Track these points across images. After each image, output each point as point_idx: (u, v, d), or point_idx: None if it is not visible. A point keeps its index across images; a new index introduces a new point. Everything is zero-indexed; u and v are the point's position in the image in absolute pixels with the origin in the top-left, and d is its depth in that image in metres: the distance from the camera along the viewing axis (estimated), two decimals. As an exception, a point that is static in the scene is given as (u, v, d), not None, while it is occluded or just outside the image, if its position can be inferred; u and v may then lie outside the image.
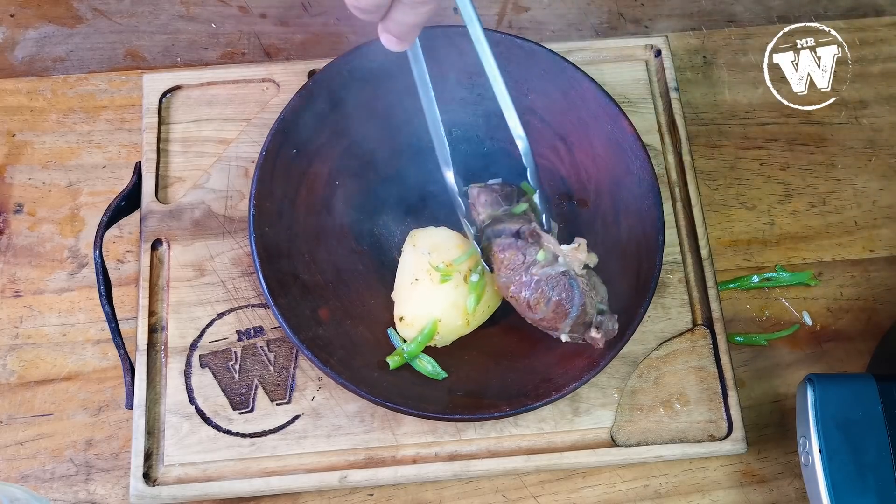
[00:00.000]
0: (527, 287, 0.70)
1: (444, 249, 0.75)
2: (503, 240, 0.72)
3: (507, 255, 0.71)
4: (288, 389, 0.76)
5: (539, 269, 0.70)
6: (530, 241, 0.71)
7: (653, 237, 0.75)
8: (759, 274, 0.83)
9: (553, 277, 0.69)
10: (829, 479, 0.67)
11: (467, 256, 0.75)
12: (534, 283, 0.70)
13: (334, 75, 0.80)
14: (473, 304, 0.74)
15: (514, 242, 0.71)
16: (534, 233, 0.72)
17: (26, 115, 0.89)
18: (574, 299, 0.69)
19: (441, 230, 0.77)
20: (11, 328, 0.81)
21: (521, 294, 0.71)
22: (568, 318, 0.70)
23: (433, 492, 0.76)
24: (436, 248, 0.75)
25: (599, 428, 0.76)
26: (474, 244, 0.74)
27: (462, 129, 0.84)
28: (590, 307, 0.70)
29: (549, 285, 0.69)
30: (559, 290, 0.69)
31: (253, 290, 0.79)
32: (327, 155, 0.80)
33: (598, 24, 0.96)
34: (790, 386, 0.80)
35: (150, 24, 0.94)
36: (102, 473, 0.76)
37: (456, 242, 0.76)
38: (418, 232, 0.78)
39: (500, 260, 0.72)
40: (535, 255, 0.70)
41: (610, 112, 0.79)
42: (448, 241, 0.76)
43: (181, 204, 0.82)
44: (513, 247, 0.71)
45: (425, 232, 0.77)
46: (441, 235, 0.77)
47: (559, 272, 0.70)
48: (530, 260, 0.70)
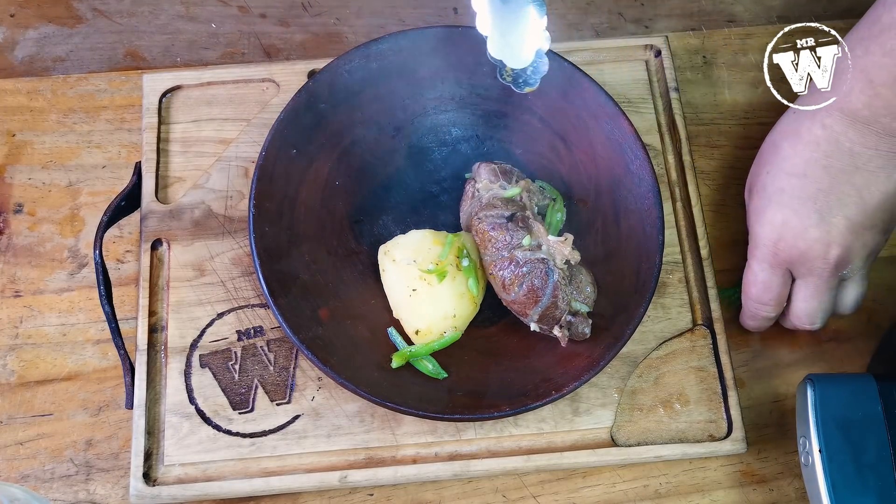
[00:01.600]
0: (506, 267, 0.73)
1: (424, 251, 0.75)
2: (496, 220, 0.74)
3: (495, 235, 0.73)
4: (288, 389, 0.76)
5: (521, 253, 0.72)
6: (520, 226, 0.73)
7: (653, 237, 0.76)
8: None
9: (531, 262, 0.72)
10: (829, 479, 0.67)
11: (450, 246, 0.75)
12: (513, 264, 0.72)
13: (334, 75, 0.80)
14: (475, 285, 0.75)
15: (506, 224, 0.73)
16: (525, 219, 0.74)
17: (26, 115, 0.89)
18: (547, 289, 0.71)
19: (409, 236, 0.77)
20: (11, 328, 0.81)
21: (499, 273, 0.73)
22: (538, 305, 0.72)
23: (433, 492, 0.76)
24: (417, 254, 0.75)
25: (599, 428, 0.76)
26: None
27: (462, 129, 0.84)
28: (562, 301, 0.72)
29: (526, 269, 0.72)
30: (534, 276, 0.72)
31: (253, 290, 0.79)
32: (327, 155, 0.80)
33: (598, 24, 0.96)
34: (790, 386, 0.80)
35: (150, 24, 0.94)
36: (102, 473, 0.76)
37: (431, 240, 0.76)
38: (388, 246, 0.77)
39: (489, 238, 0.74)
40: (522, 239, 0.72)
41: (610, 112, 0.79)
42: (423, 242, 0.76)
43: (181, 204, 0.82)
44: (503, 227, 0.73)
45: (395, 244, 0.77)
46: (413, 240, 0.77)
47: (539, 258, 0.72)
48: (515, 242, 0.73)
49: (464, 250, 0.76)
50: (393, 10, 0.95)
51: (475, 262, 0.76)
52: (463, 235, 0.78)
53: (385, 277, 0.77)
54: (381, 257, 0.78)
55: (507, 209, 0.75)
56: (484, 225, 0.74)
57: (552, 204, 0.81)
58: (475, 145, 0.84)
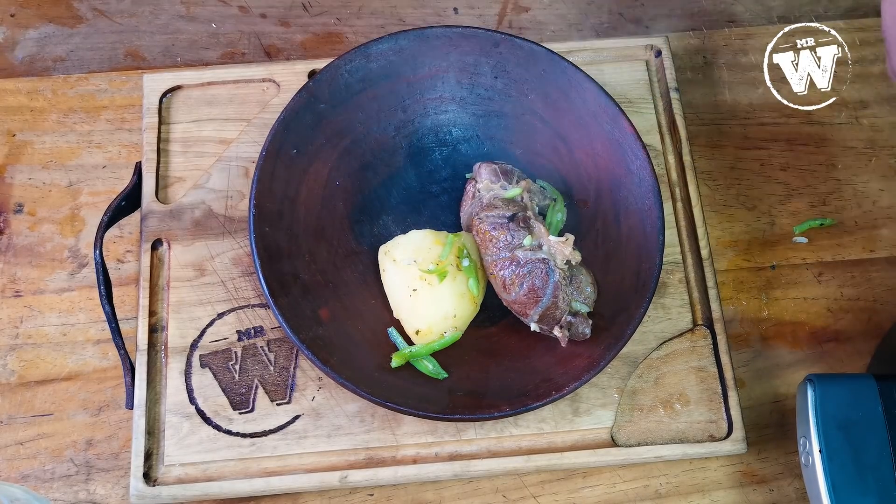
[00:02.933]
0: (507, 267, 0.73)
1: (425, 251, 0.75)
2: (497, 220, 0.74)
3: (496, 235, 0.74)
4: (288, 389, 0.76)
5: (522, 253, 0.72)
6: (521, 227, 0.73)
7: (653, 237, 0.75)
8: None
9: (532, 262, 0.72)
10: (829, 479, 0.67)
11: (451, 246, 0.75)
12: (514, 264, 0.72)
13: (334, 75, 0.80)
14: (476, 285, 0.75)
15: (507, 224, 0.74)
16: (526, 219, 0.74)
17: (26, 115, 0.89)
18: (548, 289, 0.71)
19: (410, 236, 0.77)
20: (11, 328, 0.81)
21: (500, 273, 0.73)
22: (538, 305, 0.72)
23: (433, 492, 0.76)
24: (417, 254, 0.75)
25: (599, 428, 0.76)
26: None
27: (462, 129, 0.84)
28: (562, 302, 0.72)
29: (527, 269, 0.72)
30: (535, 276, 0.72)
31: (253, 290, 0.79)
32: (327, 155, 0.80)
33: (599, 24, 0.96)
34: (790, 386, 0.80)
35: (151, 24, 0.94)
36: (102, 473, 0.76)
37: (431, 240, 0.76)
38: (388, 246, 0.77)
39: (491, 238, 0.74)
40: (523, 239, 0.73)
41: (610, 112, 0.79)
42: (423, 241, 0.76)
43: (181, 204, 0.82)
44: (504, 227, 0.73)
45: (396, 244, 0.77)
46: (414, 240, 0.77)
47: (539, 258, 0.72)
48: (516, 243, 0.73)
49: (464, 250, 0.76)
50: (393, 10, 0.95)
51: (475, 261, 0.76)
52: (463, 235, 0.78)
53: (385, 277, 0.77)
54: (382, 257, 0.78)
55: (508, 209, 0.75)
56: (485, 225, 0.74)
57: (553, 204, 0.81)
58: (476, 145, 0.84)
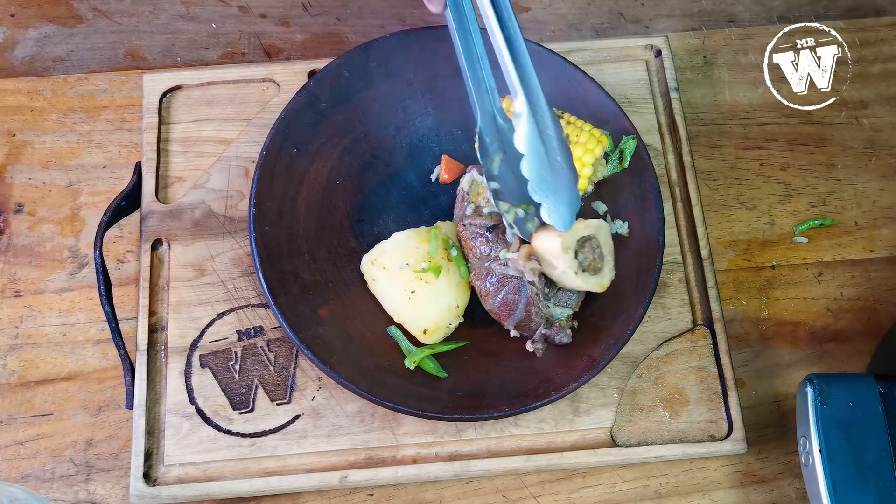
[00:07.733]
0: (483, 278, 0.74)
1: (413, 251, 0.76)
2: (477, 230, 0.74)
3: (476, 245, 0.74)
4: (288, 389, 0.76)
5: (497, 266, 0.73)
6: (500, 238, 0.74)
7: (653, 237, 0.76)
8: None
9: (506, 277, 0.73)
10: (829, 479, 0.67)
11: (436, 239, 0.76)
12: (490, 276, 0.73)
13: (334, 75, 0.80)
14: (467, 271, 0.76)
15: (486, 234, 0.74)
16: (503, 232, 0.74)
17: (26, 115, 0.89)
18: (520, 304, 0.72)
19: (393, 240, 0.77)
20: (11, 328, 0.81)
21: (477, 283, 0.74)
22: (511, 317, 0.73)
23: (433, 492, 0.76)
24: (407, 256, 0.75)
25: (599, 428, 0.76)
26: None
27: (462, 130, 0.84)
28: (535, 315, 0.73)
29: (500, 283, 0.73)
30: (508, 290, 0.73)
31: (253, 290, 0.79)
32: (327, 155, 0.80)
33: (599, 24, 0.96)
34: (790, 386, 0.80)
35: (151, 24, 0.94)
36: (102, 473, 0.76)
37: (416, 238, 0.76)
38: (373, 255, 0.77)
39: (471, 247, 0.75)
40: (500, 252, 0.73)
41: (610, 112, 0.79)
42: (409, 242, 0.76)
43: (181, 204, 0.82)
44: (482, 237, 0.74)
45: (381, 251, 0.77)
46: (398, 243, 0.76)
47: (512, 274, 0.73)
48: (494, 255, 0.74)
49: (449, 240, 0.76)
50: (393, 10, 0.95)
51: (460, 248, 0.77)
52: (442, 225, 0.78)
53: (377, 287, 0.77)
54: (368, 267, 0.77)
55: (490, 219, 0.75)
56: (467, 233, 0.75)
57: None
58: (475, 145, 0.84)
